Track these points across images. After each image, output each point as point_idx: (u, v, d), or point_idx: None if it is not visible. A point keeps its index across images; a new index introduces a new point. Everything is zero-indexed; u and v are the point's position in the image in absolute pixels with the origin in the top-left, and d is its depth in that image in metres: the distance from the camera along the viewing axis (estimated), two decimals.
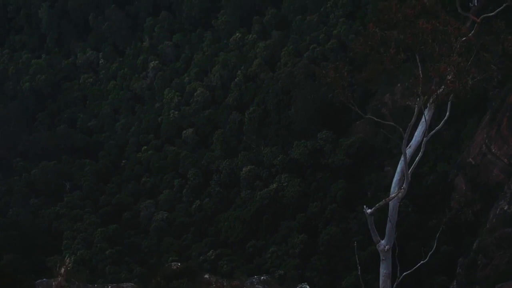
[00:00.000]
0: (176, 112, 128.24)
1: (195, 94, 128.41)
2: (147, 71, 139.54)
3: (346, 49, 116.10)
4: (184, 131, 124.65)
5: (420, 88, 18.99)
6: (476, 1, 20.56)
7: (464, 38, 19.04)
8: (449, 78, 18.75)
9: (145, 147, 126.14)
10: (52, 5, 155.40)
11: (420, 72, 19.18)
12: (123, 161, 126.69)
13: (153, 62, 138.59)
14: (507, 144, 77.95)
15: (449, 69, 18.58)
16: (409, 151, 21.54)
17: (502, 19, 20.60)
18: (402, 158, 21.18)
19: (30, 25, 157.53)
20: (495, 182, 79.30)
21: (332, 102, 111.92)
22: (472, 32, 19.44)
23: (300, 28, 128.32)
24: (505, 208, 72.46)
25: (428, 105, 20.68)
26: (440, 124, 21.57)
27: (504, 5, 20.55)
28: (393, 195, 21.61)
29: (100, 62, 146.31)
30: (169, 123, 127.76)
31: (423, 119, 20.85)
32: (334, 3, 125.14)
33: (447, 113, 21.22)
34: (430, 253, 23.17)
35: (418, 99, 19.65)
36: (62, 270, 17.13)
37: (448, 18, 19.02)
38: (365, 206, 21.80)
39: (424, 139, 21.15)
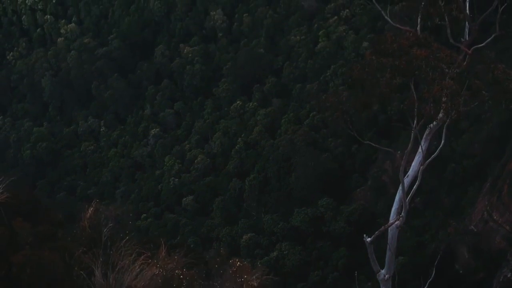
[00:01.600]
0: (176, 179, 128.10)
1: (195, 161, 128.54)
2: (148, 138, 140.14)
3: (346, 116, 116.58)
4: (184, 199, 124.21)
5: (415, 109, 19.69)
6: (467, 36, 21.48)
7: (457, 70, 19.76)
8: (443, 100, 19.41)
9: (145, 215, 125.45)
10: (55, 74, 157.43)
11: (415, 94, 19.85)
12: None
13: (154, 130, 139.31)
14: (509, 211, 77.41)
15: (443, 91, 19.23)
16: (406, 180, 22.09)
17: (492, 49, 21.51)
18: (400, 187, 21.67)
19: (32, 93, 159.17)
20: (497, 249, 78.40)
21: (332, 169, 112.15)
22: (464, 63, 20.22)
23: (300, 96, 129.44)
24: (509, 276, 71.39)
25: (424, 135, 21.35)
26: (436, 152, 22.20)
27: (493, 35, 21.46)
28: (391, 222, 21.96)
29: (102, 130, 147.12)
30: (169, 191, 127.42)
31: (420, 149, 21.49)
32: (334, 71, 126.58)
33: (442, 141, 21.79)
34: (429, 280, 23.31)
35: (414, 123, 20.25)
36: (91, 209, 17.50)
37: (441, 47, 19.84)
38: (365, 235, 22.06)
39: (421, 167, 21.72)
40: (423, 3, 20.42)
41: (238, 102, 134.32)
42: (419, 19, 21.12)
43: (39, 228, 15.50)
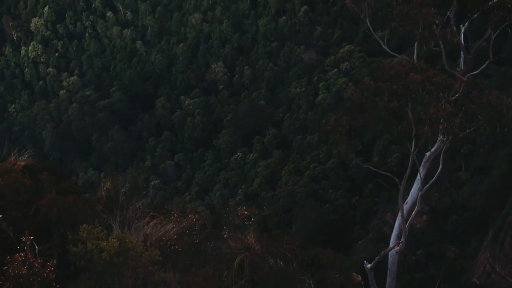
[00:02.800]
0: None
1: None
2: (148, 190, 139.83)
3: (346, 168, 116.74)
4: None
5: (413, 131, 20.19)
6: (462, 65, 22.12)
7: (454, 97, 20.29)
8: (440, 121, 19.88)
9: None
10: (56, 126, 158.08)
11: (411, 116, 20.32)
12: None
13: (154, 181, 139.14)
14: (511, 263, 76.62)
15: (439, 113, 19.70)
16: (405, 207, 22.51)
17: (487, 77, 22.10)
18: (399, 214, 22.09)
19: (33, 145, 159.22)
20: None
21: (333, 221, 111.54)
22: (460, 91, 20.81)
23: (300, 148, 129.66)
24: None
25: (423, 162, 21.81)
26: (434, 178, 22.62)
27: (486, 62, 22.13)
28: (391, 247, 22.16)
29: (102, 181, 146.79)
30: None
31: (418, 177, 22.01)
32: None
33: (440, 166, 22.16)
34: None
35: (412, 147, 20.64)
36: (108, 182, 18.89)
37: (437, 72, 20.41)
38: (365, 262, 22.14)
39: (420, 193, 22.17)
40: (420, 29, 21.03)
41: (238, 153, 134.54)
42: (415, 48, 21.79)
43: (62, 185, 17.23)
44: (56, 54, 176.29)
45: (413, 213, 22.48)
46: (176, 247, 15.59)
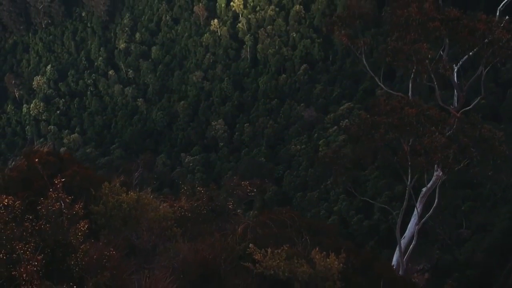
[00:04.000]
0: None
1: None
2: None
3: (347, 225, 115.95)
4: None
5: (409, 162, 20.53)
6: (456, 103, 22.70)
7: (449, 132, 20.60)
8: (435, 152, 20.15)
9: None
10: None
11: (405, 147, 20.54)
12: None
13: None
14: None
15: (433, 144, 19.99)
16: (403, 241, 22.77)
17: (479, 112, 22.38)
18: (397, 248, 22.33)
19: None
20: None
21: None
22: (454, 126, 21.13)
23: (301, 205, 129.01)
24: None
25: (419, 197, 22.26)
26: (430, 211, 22.83)
27: (478, 98, 22.65)
28: None
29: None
30: None
31: (415, 212, 22.43)
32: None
33: (436, 201, 22.39)
34: None
35: (408, 180, 20.90)
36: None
37: (430, 106, 20.85)
38: None
39: (416, 227, 22.48)
40: (414, 64, 21.38)
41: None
42: (410, 83, 22.11)
43: (82, 165, 19.16)
44: (58, 112, 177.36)
45: (411, 247, 22.49)
46: (187, 213, 17.45)
